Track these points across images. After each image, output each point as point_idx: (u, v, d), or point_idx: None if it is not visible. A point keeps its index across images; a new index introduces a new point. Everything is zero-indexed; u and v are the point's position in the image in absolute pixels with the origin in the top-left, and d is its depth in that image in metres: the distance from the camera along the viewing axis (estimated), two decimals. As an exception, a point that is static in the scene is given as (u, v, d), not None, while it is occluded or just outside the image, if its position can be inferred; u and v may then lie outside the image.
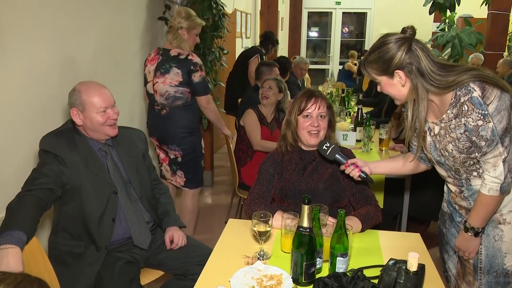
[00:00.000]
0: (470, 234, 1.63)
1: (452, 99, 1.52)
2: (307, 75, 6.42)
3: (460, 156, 1.58)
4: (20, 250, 1.50)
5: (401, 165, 1.91)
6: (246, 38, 7.15)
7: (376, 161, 1.91)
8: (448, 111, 1.55)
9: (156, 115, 3.07)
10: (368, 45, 11.06)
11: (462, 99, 1.48)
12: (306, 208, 1.45)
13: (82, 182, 1.90)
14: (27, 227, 1.59)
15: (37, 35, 2.36)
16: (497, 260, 1.64)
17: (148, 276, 2.12)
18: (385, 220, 2.10)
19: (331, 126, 2.05)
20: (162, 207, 2.21)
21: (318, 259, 1.52)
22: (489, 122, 1.45)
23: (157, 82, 2.99)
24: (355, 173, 1.83)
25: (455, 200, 1.75)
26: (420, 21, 7.98)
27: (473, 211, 1.61)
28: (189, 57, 2.94)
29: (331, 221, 1.73)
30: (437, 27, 7.25)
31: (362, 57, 9.02)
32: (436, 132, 1.63)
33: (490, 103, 1.44)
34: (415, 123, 1.62)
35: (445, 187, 1.83)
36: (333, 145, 1.87)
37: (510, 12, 5.71)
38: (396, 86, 1.59)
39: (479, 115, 1.45)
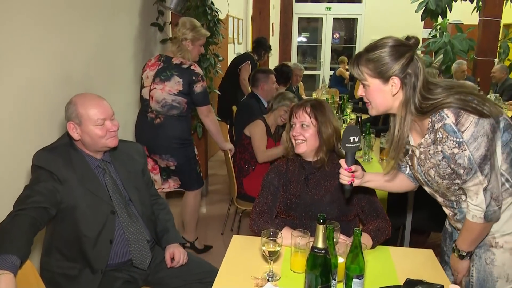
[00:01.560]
0: (455, 255, 1.59)
1: (429, 124, 1.45)
2: (300, 82, 6.37)
3: (443, 182, 1.51)
4: (13, 277, 1.40)
5: (390, 182, 1.74)
6: (238, 43, 7.09)
7: (371, 173, 1.74)
8: (426, 136, 1.48)
9: (148, 123, 2.98)
10: (358, 51, 11.07)
11: (436, 126, 1.41)
12: (321, 228, 1.37)
13: (77, 201, 1.78)
14: (21, 250, 1.49)
15: (30, 47, 2.26)
16: (488, 284, 1.56)
17: (148, 296, 2.02)
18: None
19: (323, 139, 1.91)
20: (161, 224, 2.10)
21: (332, 280, 1.44)
22: (464, 150, 1.37)
23: (155, 88, 2.92)
24: (346, 180, 1.60)
25: (451, 222, 1.70)
26: (411, 27, 8.01)
27: (460, 234, 1.56)
28: (192, 67, 2.92)
29: (343, 239, 1.65)
30: (429, 34, 7.28)
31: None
32: (417, 155, 1.56)
33: (465, 130, 1.35)
34: (399, 139, 1.50)
35: None
36: (358, 145, 1.60)
37: (501, 18, 5.74)
38: (385, 94, 1.46)
39: (454, 143, 1.38)
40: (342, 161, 1.60)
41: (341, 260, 1.51)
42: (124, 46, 3.40)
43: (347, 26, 11.78)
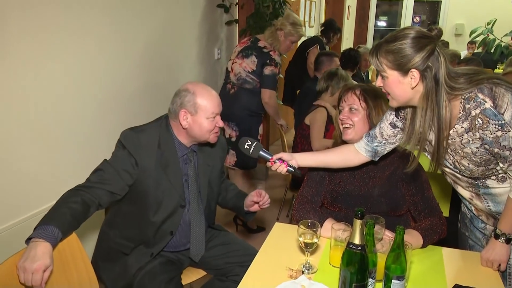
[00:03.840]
0: (501, 241, 1.50)
1: (460, 112, 1.41)
2: (372, 67, 6.09)
3: (478, 169, 1.49)
4: (50, 246, 1.44)
5: (335, 157, 1.75)
6: (309, 27, 6.92)
7: (305, 153, 1.78)
8: (457, 126, 1.43)
9: (225, 93, 3.28)
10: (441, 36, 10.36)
11: (473, 113, 1.37)
12: (358, 223, 1.28)
13: (151, 187, 1.79)
14: (66, 225, 1.53)
15: (90, 31, 2.34)
16: None
17: (190, 275, 2.05)
18: (450, 230, 1.87)
19: (374, 126, 1.77)
20: (232, 196, 2.14)
21: (370, 279, 1.35)
22: (509, 131, 1.34)
23: (236, 62, 3.24)
24: (282, 169, 1.69)
25: (472, 203, 1.66)
26: (501, 10, 7.36)
27: (504, 217, 1.49)
28: (270, 52, 3.15)
29: (388, 235, 1.54)
30: (522, 17, 6.61)
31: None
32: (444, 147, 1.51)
33: (504, 111, 1.33)
34: (422, 133, 1.47)
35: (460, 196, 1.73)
36: (256, 142, 1.72)
37: None
38: (404, 86, 1.42)
39: (497, 126, 1.34)
40: (267, 164, 1.71)
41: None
42: (189, 27, 3.43)
43: (431, 9, 11.05)
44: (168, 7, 3.07)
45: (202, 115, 1.80)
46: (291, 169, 1.69)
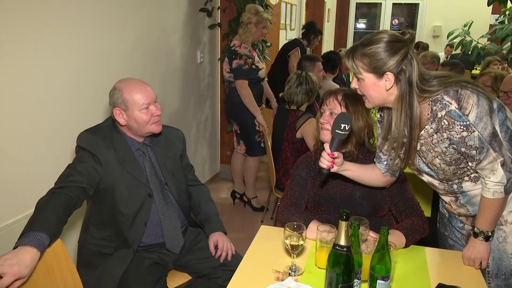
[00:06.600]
0: (480, 239, 1.55)
1: (428, 114, 1.47)
2: (352, 69, 6.15)
3: (449, 168, 1.55)
4: (38, 255, 1.43)
5: (369, 175, 1.73)
6: (290, 30, 6.97)
7: (350, 163, 1.70)
8: (427, 127, 1.49)
9: (225, 95, 3.82)
10: (418, 38, 10.55)
11: (439, 114, 1.43)
12: (344, 225, 1.30)
13: (116, 182, 1.83)
14: (52, 229, 1.53)
15: (73, 31, 2.32)
16: (504, 262, 1.60)
17: (176, 279, 2.04)
18: (433, 230, 1.91)
19: (352, 131, 1.77)
20: (203, 212, 2.12)
21: (356, 280, 1.37)
22: (473, 132, 1.39)
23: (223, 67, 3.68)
24: (324, 164, 1.57)
25: (451, 210, 1.72)
26: (477, 13, 7.54)
27: (480, 216, 1.54)
28: (236, 48, 3.45)
29: (372, 236, 1.57)
30: (496, 20, 6.78)
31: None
32: (417, 148, 1.57)
33: (469, 113, 1.39)
34: (398, 133, 1.52)
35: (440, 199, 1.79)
36: (347, 133, 1.55)
37: None
38: (379, 89, 1.47)
39: (462, 127, 1.40)
40: (326, 145, 1.59)
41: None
42: (171, 31, 3.42)
43: (409, 12, 11.25)
44: (151, 11, 3.06)
45: (134, 108, 1.83)
46: (326, 172, 1.60)
